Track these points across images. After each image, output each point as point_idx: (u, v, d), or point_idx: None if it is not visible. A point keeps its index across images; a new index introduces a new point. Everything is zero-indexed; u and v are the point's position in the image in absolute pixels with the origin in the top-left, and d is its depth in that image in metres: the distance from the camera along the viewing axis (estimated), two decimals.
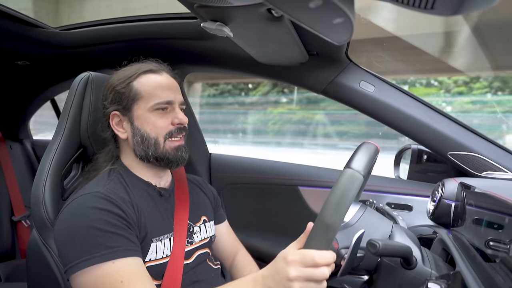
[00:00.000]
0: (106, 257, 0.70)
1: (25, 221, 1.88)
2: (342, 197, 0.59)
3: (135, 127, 0.87)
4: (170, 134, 0.87)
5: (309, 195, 1.50)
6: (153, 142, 0.86)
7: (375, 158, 0.69)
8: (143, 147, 0.87)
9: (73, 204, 0.77)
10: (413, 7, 0.32)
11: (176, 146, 0.89)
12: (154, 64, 0.92)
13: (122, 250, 0.72)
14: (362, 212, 0.77)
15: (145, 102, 0.86)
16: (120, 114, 0.88)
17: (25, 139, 2.16)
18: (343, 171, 0.62)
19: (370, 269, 0.76)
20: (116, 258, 0.71)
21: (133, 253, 0.74)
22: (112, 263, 0.70)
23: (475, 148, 1.10)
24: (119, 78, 0.88)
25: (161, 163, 0.88)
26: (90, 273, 0.70)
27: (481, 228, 0.68)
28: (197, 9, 0.84)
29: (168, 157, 0.88)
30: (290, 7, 0.43)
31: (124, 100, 0.87)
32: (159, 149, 0.87)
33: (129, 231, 0.76)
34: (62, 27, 1.47)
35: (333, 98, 1.27)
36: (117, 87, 0.87)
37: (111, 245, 0.72)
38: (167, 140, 0.87)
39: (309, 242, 0.62)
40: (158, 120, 0.86)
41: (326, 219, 0.59)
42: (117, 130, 0.89)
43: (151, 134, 0.86)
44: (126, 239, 0.74)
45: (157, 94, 0.86)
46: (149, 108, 0.86)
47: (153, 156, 0.87)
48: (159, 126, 0.87)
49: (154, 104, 0.86)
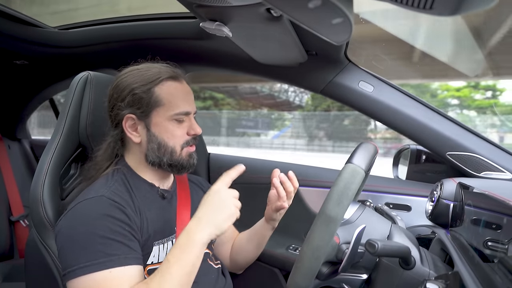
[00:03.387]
0: (104, 265, 0.70)
1: (23, 220, 1.87)
2: (344, 190, 0.60)
3: (152, 134, 0.86)
4: (187, 143, 0.88)
5: (308, 195, 1.50)
6: (170, 150, 0.86)
7: (374, 157, 0.69)
8: (158, 154, 0.86)
9: (77, 208, 0.77)
10: (412, 7, 0.33)
11: (190, 153, 0.89)
12: (173, 69, 0.90)
13: (122, 259, 0.72)
14: (361, 211, 0.78)
15: (165, 110, 0.85)
16: (136, 118, 0.85)
17: (23, 139, 2.15)
18: (345, 166, 0.63)
19: (369, 267, 0.76)
20: (115, 266, 0.70)
21: (132, 261, 0.73)
22: (109, 272, 0.70)
23: (474, 148, 1.10)
24: (138, 81, 0.85)
25: (174, 169, 0.88)
26: (87, 280, 0.69)
27: (480, 228, 0.68)
28: (196, 8, 0.84)
29: (182, 164, 0.88)
30: (289, 7, 0.43)
31: (144, 105, 0.84)
32: (175, 156, 0.87)
33: (130, 237, 0.75)
34: (60, 27, 1.47)
35: (332, 98, 1.28)
36: (137, 89, 0.84)
37: (111, 252, 0.71)
38: (184, 149, 0.88)
39: (311, 234, 0.62)
40: (176, 129, 0.86)
41: (328, 211, 0.59)
42: (131, 133, 0.86)
43: (169, 143, 0.86)
44: (126, 247, 0.74)
45: (178, 104, 0.86)
46: (168, 117, 0.85)
47: (168, 163, 0.86)
48: (177, 135, 0.87)
49: (174, 114, 0.85)
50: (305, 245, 0.62)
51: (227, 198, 0.76)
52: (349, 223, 0.75)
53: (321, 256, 0.61)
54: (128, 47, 1.40)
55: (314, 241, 0.60)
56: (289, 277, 0.64)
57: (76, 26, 1.45)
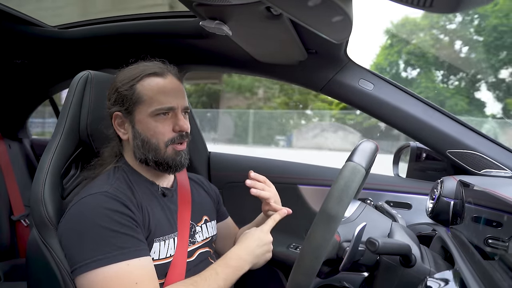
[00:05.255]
0: (119, 257, 0.70)
1: (24, 220, 1.87)
2: (345, 188, 0.60)
3: (136, 130, 0.86)
4: (172, 140, 0.86)
5: (308, 194, 1.50)
6: (153, 148, 0.85)
7: (374, 155, 0.69)
8: (143, 150, 0.86)
9: (81, 203, 0.77)
10: (412, 5, 0.33)
11: (177, 150, 0.87)
12: (160, 65, 0.89)
13: (133, 251, 0.72)
14: (361, 209, 0.78)
15: (146, 106, 0.85)
16: (122, 115, 0.87)
17: (24, 138, 2.16)
18: (345, 164, 0.63)
19: (370, 265, 0.76)
20: (129, 258, 0.71)
21: (143, 252, 0.74)
22: (127, 264, 0.70)
23: (474, 146, 1.10)
24: (123, 79, 0.87)
25: (160, 167, 0.88)
26: (101, 274, 0.69)
27: (480, 226, 0.68)
28: (196, 7, 0.84)
29: (168, 162, 0.87)
30: (289, 5, 0.43)
31: (127, 102, 0.85)
32: (159, 154, 0.86)
33: (137, 230, 0.76)
34: (60, 26, 1.47)
35: (332, 96, 1.27)
36: (120, 88, 0.86)
37: (123, 245, 0.71)
38: (169, 146, 0.86)
39: (312, 232, 0.61)
40: (159, 126, 0.85)
41: (329, 210, 0.59)
42: (119, 130, 0.89)
43: (152, 140, 0.85)
44: (136, 239, 0.74)
45: (159, 100, 0.84)
46: (150, 113, 0.84)
47: (153, 160, 0.86)
48: (160, 132, 0.85)
49: (155, 110, 0.84)
50: (305, 243, 0.62)
51: (270, 242, 0.89)
52: (350, 221, 0.75)
53: (321, 255, 0.61)
54: (128, 46, 1.40)
55: (314, 239, 0.60)
56: (290, 275, 0.65)
57: (76, 25, 1.44)
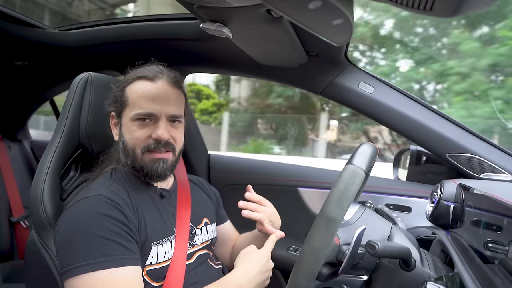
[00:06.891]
0: (101, 265, 0.69)
1: (23, 221, 1.87)
2: (345, 191, 0.60)
3: (122, 133, 0.87)
4: (147, 147, 0.84)
5: (308, 196, 1.50)
6: (131, 152, 0.85)
7: (374, 158, 0.69)
8: (124, 154, 0.87)
9: (75, 207, 0.77)
10: (412, 9, 0.33)
11: (153, 158, 0.85)
12: (156, 69, 0.89)
13: (118, 259, 0.71)
14: (361, 212, 0.78)
15: (129, 110, 0.85)
16: (115, 116, 0.89)
17: (24, 140, 2.16)
18: (345, 167, 0.63)
19: (369, 268, 0.76)
20: (113, 267, 0.70)
21: (128, 262, 0.72)
22: (109, 272, 0.69)
23: (474, 150, 1.10)
24: (119, 81, 0.89)
25: (140, 173, 0.87)
26: (84, 280, 0.69)
27: (480, 230, 0.68)
28: (197, 9, 0.84)
29: (144, 169, 0.85)
30: (289, 8, 0.43)
31: (118, 104, 0.87)
32: (136, 160, 0.85)
33: (128, 238, 0.75)
34: (61, 28, 1.47)
35: (332, 99, 1.28)
36: (114, 89, 0.89)
37: (108, 253, 0.71)
38: (145, 153, 0.85)
39: (311, 235, 0.61)
40: (137, 131, 0.84)
41: (328, 212, 0.59)
42: (113, 130, 0.91)
43: (129, 144, 0.85)
44: (123, 248, 0.73)
45: (140, 104, 0.83)
46: (131, 117, 0.84)
47: (131, 165, 0.86)
48: (136, 137, 0.84)
49: (135, 114, 0.83)
50: (305, 246, 0.62)
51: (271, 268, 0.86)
52: (350, 224, 0.75)
53: (321, 257, 0.61)
54: (128, 48, 1.40)
55: (314, 242, 0.60)
56: (289, 278, 0.64)
57: (76, 27, 1.45)
